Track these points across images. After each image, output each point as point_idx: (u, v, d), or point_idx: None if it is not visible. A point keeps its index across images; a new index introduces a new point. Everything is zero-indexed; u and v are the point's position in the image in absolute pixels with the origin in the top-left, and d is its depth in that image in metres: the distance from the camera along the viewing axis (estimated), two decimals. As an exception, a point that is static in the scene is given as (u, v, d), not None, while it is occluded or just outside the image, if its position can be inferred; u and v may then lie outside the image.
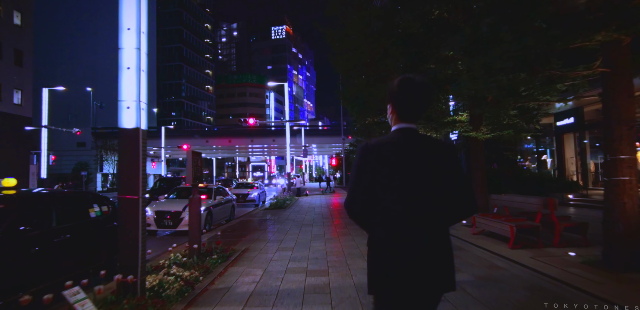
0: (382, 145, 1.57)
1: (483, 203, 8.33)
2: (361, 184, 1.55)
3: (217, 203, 10.69)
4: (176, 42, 75.30)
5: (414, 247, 1.49)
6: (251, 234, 8.34)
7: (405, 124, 1.61)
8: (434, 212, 1.53)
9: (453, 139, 16.42)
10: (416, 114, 1.62)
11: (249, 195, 18.46)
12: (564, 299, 3.53)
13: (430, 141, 1.61)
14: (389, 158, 1.54)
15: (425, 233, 1.51)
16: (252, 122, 23.24)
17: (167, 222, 9.33)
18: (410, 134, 1.59)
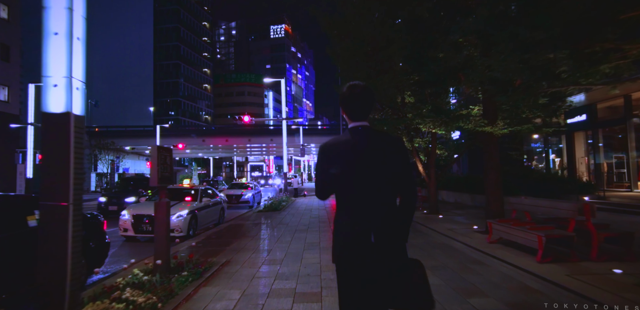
0: (335, 144, 1.90)
1: (498, 207, 7.42)
2: (323, 177, 1.89)
3: (203, 206, 9.76)
4: (173, 40, 74.27)
5: (364, 228, 1.81)
6: (237, 241, 7.41)
7: (356, 122, 1.92)
8: (381, 198, 1.85)
9: (455, 138, 15.51)
10: (363, 114, 1.93)
11: (242, 196, 17.51)
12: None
13: (379, 136, 1.90)
14: (341, 154, 1.87)
15: (374, 215, 1.82)
16: (248, 119, 22.36)
17: (146, 227, 8.40)
18: (360, 132, 1.89)
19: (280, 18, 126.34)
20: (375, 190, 1.84)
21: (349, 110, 1.93)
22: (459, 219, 10.17)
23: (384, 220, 1.82)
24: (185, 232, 8.60)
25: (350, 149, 1.85)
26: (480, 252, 5.80)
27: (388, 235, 1.81)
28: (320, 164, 1.91)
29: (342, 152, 1.86)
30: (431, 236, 7.56)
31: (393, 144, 1.90)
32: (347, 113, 1.94)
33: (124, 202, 13.22)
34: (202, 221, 9.70)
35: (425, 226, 8.88)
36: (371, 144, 1.86)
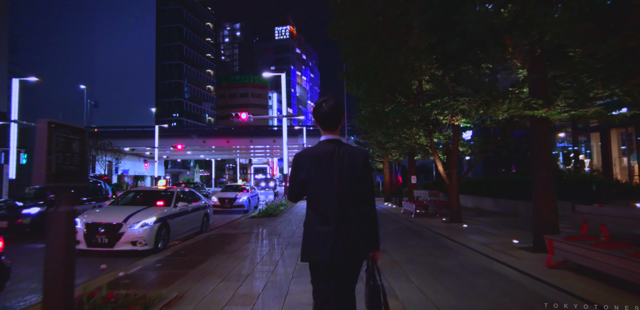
0: (307, 154, 2.16)
1: (551, 217, 5.63)
2: (295, 182, 2.17)
3: (178, 212, 8.06)
4: (176, 40, 73.17)
5: (329, 233, 2.04)
6: (210, 259, 5.69)
7: (328, 135, 2.19)
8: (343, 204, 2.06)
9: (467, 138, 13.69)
10: (334, 126, 2.20)
11: (236, 199, 15.79)
12: None
13: (346, 148, 2.14)
14: (313, 162, 2.12)
15: (340, 224, 2.04)
16: (245, 116, 20.68)
17: (101, 238, 6.70)
18: (330, 144, 2.15)
19: (285, 19, 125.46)
20: (340, 195, 2.07)
21: (321, 123, 2.20)
22: (488, 229, 8.38)
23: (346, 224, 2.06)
24: (151, 245, 6.89)
25: (321, 159, 2.11)
26: (546, 285, 4.02)
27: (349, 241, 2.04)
28: (294, 170, 2.18)
29: (313, 161, 2.12)
30: (463, 254, 5.79)
31: (358, 156, 2.13)
32: (319, 124, 2.21)
33: (21, 214, 8.59)
34: (177, 230, 7.99)
35: (451, 239, 7.10)
36: (339, 155, 2.11)
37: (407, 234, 8.00)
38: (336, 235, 2.02)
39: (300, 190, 2.16)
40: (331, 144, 2.14)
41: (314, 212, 2.11)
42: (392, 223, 10.07)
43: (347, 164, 2.09)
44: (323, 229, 2.04)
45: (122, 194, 8.82)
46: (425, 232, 8.25)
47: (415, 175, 14.16)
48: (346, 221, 2.05)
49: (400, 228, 9.01)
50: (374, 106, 9.03)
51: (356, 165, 2.10)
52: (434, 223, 9.72)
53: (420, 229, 8.86)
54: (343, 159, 2.09)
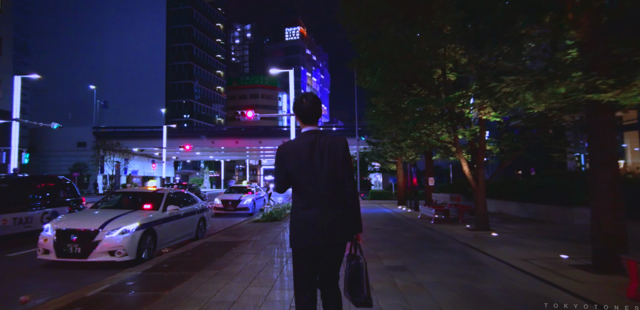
0: (289, 146, 2.26)
1: (616, 230, 4.47)
2: (280, 174, 2.27)
3: (167, 216, 7.09)
4: (186, 41, 72.99)
5: (313, 218, 2.15)
6: (193, 276, 4.69)
7: (308, 127, 2.30)
8: (328, 194, 2.17)
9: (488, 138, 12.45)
10: (313, 119, 2.31)
11: (240, 202, 14.82)
12: None
13: (326, 137, 2.25)
14: (295, 152, 2.21)
15: (323, 208, 2.16)
16: (251, 115, 19.77)
17: (73, 247, 5.76)
18: (310, 135, 2.25)
19: (295, 20, 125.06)
20: (326, 181, 2.18)
21: (302, 117, 2.31)
22: (522, 239, 7.21)
23: (331, 209, 2.17)
24: (132, 255, 5.93)
25: (303, 148, 2.21)
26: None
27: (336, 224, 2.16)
28: (278, 162, 2.28)
29: (296, 151, 2.22)
30: (504, 274, 4.68)
31: (339, 143, 2.24)
32: (300, 118, 2.33)
33: None
34: (166, 238, 7.03)
35: (483, 253, 5.98)
36: (319, 143, 2.22)
37: (429, 245, 6.89)
38: (323, 219, 2.13)
39: (287, 180, 2.25)
40: (312, 134, 2.26)
41: (300, 199, 2.21)
42: (409, 230, 8.96)
43: (328, 152, 2.20)
44: (310, 214, 2.15)
45: (105, 196, 7.88)
46: (449, 243, 7.13)
47: (432, 177, 13.01)
48: (331, 205, 2.17)
49: (420, 237, 7.90)
50: (389, 98, 7.96)
51: (337, 152, 2.21)
52: (458, 231, 8.59)
53: (442, 238, 7.74)
54: (324, 147, 2.21)
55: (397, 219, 11.77)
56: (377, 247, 6.63)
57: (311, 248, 2.14)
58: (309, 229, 2.13)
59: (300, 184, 2.19)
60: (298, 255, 2.21)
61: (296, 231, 2.18)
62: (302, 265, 2.20)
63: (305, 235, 2.13)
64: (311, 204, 2.16)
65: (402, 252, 6.08)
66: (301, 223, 2.16)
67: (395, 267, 5.04)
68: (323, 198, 2.15)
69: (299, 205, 2.20)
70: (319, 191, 2.15)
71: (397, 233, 8.46)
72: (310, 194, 2.16)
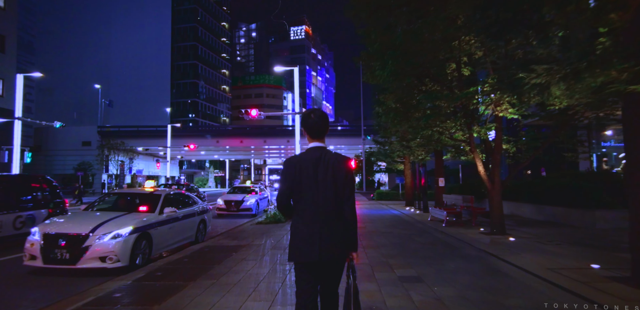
0: (297, 160, 2.33)
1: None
2: (285, 186, 2.32)
3: (165, 219, 6.68)
4: (191, 40, 72.85)
5: (313, 233, 2.20)
6: (188, 287, 4.26)
7: (315, 142, 2.39)
8: (329, 210, 2.23)
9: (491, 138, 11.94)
10: (320, 134, 2.40)
11: (243, 202, 14.40)
12: None
13: (334, 158, 2.31)
14: (299, 168, 2.29)
15: (324, 224, 2.21)
16: (255, 113, 19.37)
17: (60, 253, 5.37)
18: (316, 151, 2.33)
19: (300, 19, 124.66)
20: (327, 197, 2.24)
21: (310, 131, 2.41)
22: (544, 245, 6.70)
23: (330, 225, 2.22)
24: (125, 261, 5.53)
25: (308, 164, 2.29)
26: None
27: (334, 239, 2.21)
28: (284, 174, 2.34)
29: (301, 166, 2.29)
30: (533, 288, 4.19)
31: (342, 162, 2.30)
32: (308, 133, 2.42)
33: None
34: (163, 242, 6.62)
35: (504, 261, 5.49)
36: (324, 161, 2.29)
37: (444, 252, 6.41)
38: (322, 235, 2.19)
39: (289, 193, 2.31)
40: (318, 151, 2.34)
41: (300, 214, 2.28)
42: (420, 234, 8.48)
43: (332, 169, 2.27)
44: (309, 230, 2.21)
45: (99, 197, 7.49)
46: (465, 249, 6.64)
47: (443, 178, 12.50)
48: (330, 221, 2.23)
49: (433, 242, 7.42)
50: (400, 94, 7.48)
51: (340, 170, 2.28)
52: (472, 235, 8.09)
53: (457, 243, 7.25)
54: (328, 164, 2.28)
55: (406, 221, 11.29)
56: (388, 253, 6.16)
57: (310, 262, 2.19)
58: (307, 244, 2.19)
59: (302, 198, 2.26)
60: (299, 269, 2.27)
61: (295, 246, 2.24)
62: (303, 279, 2.25)
63: (304, 250, 2.19)
64: (311, 219, 2.22)
65: (415, 260, 5.61)
66: (300, 238, 2.22)
67: (409, 277, 4.58)
68: (323, 214, 2.22)
69: (299, 220, 2.26)
70: (319, 207, 2.22)
71: (408, 237, 7.99)
72: (311, 209, 2.23)
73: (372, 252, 6.26)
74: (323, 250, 2.16)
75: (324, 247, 2.16)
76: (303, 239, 2.20)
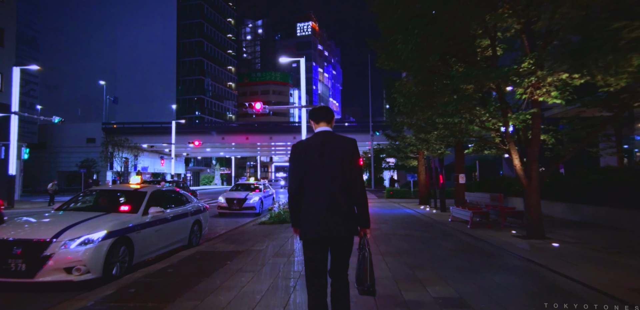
0: (304, 145, 2.46)
1: None
2: (295, 171, 2.43)
3: (150, 220, 5.71)
4: (196, 36, 72.07)
5: (320, 210, 2.32)
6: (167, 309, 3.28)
7: (321, 127, 2.54)
8: (336, 189, 2.34)
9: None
10: (325, 120, 2.56)
11: (246, 200, 13.42)
12: None
13: (337, 138, 2.45)
14: (307, 152, 2.40)
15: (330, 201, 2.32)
16: (259, 106, 18.41)
17: (15, 264, 4.40)
18: (322, 135, 2.47)
19: (307, 15, 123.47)
20: (333, 178, 2.35)
21: (315, 117, 2.58)
22: (601, 254, 5.59)
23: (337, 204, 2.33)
24: (97, 272, 4.56)
25: (315, 146, 2.41)
26: None
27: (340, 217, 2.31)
28: (293, 158, 2.45)
29: (307, 148, 2.42)
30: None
31: (347, 143, 2.43)
32: (314, 120, 2.58)
33: None
34: (147, 247, 5.65)
35: (560, 274, 4.39)
36: (330, 143, 2.41)
37: (481, 261, 5.34)
38: (328, 212, 2.30)
39: (298, 175, 2.41)
40: (324, 134, 2.48)
41: (309, 194, 2.38)
42: (445, 238, 7.40)
43: (337, 151, 2.38)
44: (316, 208, 2.32)
45: (76, 195, 6.53)
46: (504, 257, 5.56)
47: (464, 174, 11.38)
48: (336, 200, 2.32)
49: (462, 248, 6.34)
50: (424, 75, 6.36)
51: (345, 150, 2.39)
52: (504, 238, 7.00)
53: (491, 249, 6.17)
54: (334, 146, 2.40)
55: (424, 221, 10.21)
56: (412, 262, 5.11)
57: (318, 239, 2.32)
58: (315, 222, 2.31)
59: (310, 179, 2.36)
60: (307, 246, 2.38)
61: (305, 224, 2.35)
62: (312, 256, 2.35)
63: (312, 228, 2.31)
64: (318, 198, 2.34)
65: (449, 272, 4.56)
66: (308, 216, 2.34)
67: (449, 300, 3.53)
68: (329, 193, 2.32)
69: (309, 199, 2.37)
70: (326, 186, 2.33)
71: (432, 241, 6.92)
72: (318, 189, 2.34)
73: (393, 261, 5.21)
74: (329, 227, 2.28)
75: (330, 224, 2.28)
76: (311, 217, 2.31)
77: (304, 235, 2.33)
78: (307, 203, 2.35)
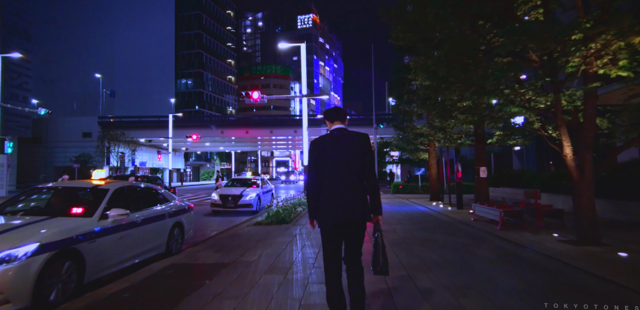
0: (321, 140, 2.68)
1: None
2: (313, 165, 2.65)
3: (111, 226, 4.45)
4: (195, 28, 70.39)
5: (336, 200, 2.52)
6: None
7: (336, 125, 2.74)
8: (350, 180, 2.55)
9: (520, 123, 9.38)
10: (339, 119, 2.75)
11: (242, 197, 12.15)
12: None
13: (351, 134, 2.66)
14: (324, 147, 2.63)
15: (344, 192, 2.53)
16: (257, 96, 17.14)
17: None
18: (338, 131, 2.68)
19: (307, 7, 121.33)
20: (348, 170, 2.56)
21: (329, 117, 2.79)
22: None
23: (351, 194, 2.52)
24: (24, 301, 3.33)
25: (331, 141, 2.64)
26: None
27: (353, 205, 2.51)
28: (312, 154, 2.68)
29: (324, 143, 2.65)
30: None
31: (361, 138, 2.64)
32: (328, 119, 2.79)
33: None
34: (107, 259, 4.40)
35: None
36: (345, 138, 2.64)
37: (540, 280, 4.05)
38: (342, 202, 2.50)
39: (318, 170, 2.63)
40: (339, 131, 2.69)
41: (327, 186, 2.56)
42: (477, 243, 6.11)
43: (351, 146, 2.60)
44: (334, 197, 2.52)
45: (19, 193, 5.26)
46: (569, 273, 4.27)
47: (485, 166, 10.06)
48: (350, 190, 2.52)
49: (506, 259, 5.05)
50: (457, 42, 5.03)
51: (359, 146, 2.60)
52: (551, 244, 5.73)
53: (543, 260, 4.88)
54: (348, 141, 2.62)
55: (443, 221, 8.93)
56: (449, 283, 3.84)
57: (334, 227, 2.53)
58: (331, 211, 2.51)
59: (327, 172, 2.58)
60: (325, 235, 2.60)
61: (322, 213, 2.56)
62: (329, 244, 2.57)
63: (329, 216, 2.52)
64: (334, 189, 2.53)
65: (506, 300, 3.29)
66: (325, 205, 2.54)
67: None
68: (344, 184, 2.53)
69: (326, 190, 2.57)
70: (341, 177, 2.54)
71: (463, 249, 5.65)
72: (334, 180, 2.55)
73: (424, 280, 3.94)
74: (344, 214, 2.48)
75: (344, 212, 2.48)
76: (328, 206, 2.53)
77: (322, 223, 2.56)
78: (325, 194, 2.54)
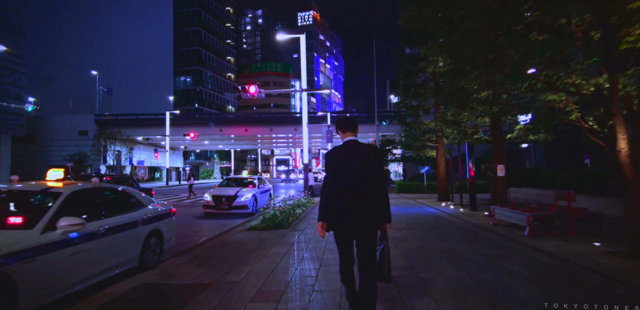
0: (335, 151, 2.87)
1: None
2: (329, 174, 2.85)
3: (63, 238, 3.52)
4: (194, 25, 69.37)
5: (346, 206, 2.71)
6: None
7: (348, 137, 2.95)
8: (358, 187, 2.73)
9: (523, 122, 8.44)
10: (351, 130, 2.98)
11: (237, 198, 11.19)
12: None
13: (362, 146, 2.87)
14: (338, 159, 2.83)
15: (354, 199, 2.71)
16: (254, 90, 16.19)
17: None
18: (350, 143, 2.89)
19: (308, 4, 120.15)
20: (359, 180, 2.74)
21: (342, 127, 3.01)
22: None
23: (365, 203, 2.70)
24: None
25: (343, 152, 2.84)
26: None
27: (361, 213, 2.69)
28: (328, 165, 2.88)
29: (337, 154, 2.85)
30: None
31: (370, 150, 2.85)
32: (341, 130, 3.01)
33: None
34: (54, 282, 3.48)
35: None
36: (356, 150, 2.84)
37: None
38: (350, 209, 2.69)
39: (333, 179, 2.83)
40: (351, 142, 2.89)
41: (340, 194, 2.75)
42: (506, 255, 5.16)
43: (362, 157, 2.79)
44: (346, 204, 2.71)
45: None
46: (637, 298, 3.36)
47: (503, 164, 9.12)
48: (359, 198, 2.70)
49: (550, 279, 4.12)
50: (484, 15, 4.11)
51: (368, 158, 2.79)
52: (598, 258, 4.79)
53: (598, 280, 3.95)
54: (359, 150, 2.82)
55: (459, 225, 7.99)
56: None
57: (344, 231, 2.73)
58: (342, 216, 2.70)
59: (341, 181, 2.77)
60: (337, 238, 2.81)
61: (334, 218, 2.74)
62: (341, 245, 2.79)
63: (339, 221, 2.72)
64: (346, 197, 2.72)
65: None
66: (337, 211, 2.72)
67: None
68: (352, 192, 2.71)
69: (339, 197, 2.76)
70: (350, 186, 2.72)
71: (494, 263, 4.71)
72: (346, 189, 2.73)
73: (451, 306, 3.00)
74: (353, 219, 2.67)
75: (354, 217, 2.67)
76: (339, 211, 2.71)
77: (333, 226, 2.75)
78: (337, 201, 2.74)
